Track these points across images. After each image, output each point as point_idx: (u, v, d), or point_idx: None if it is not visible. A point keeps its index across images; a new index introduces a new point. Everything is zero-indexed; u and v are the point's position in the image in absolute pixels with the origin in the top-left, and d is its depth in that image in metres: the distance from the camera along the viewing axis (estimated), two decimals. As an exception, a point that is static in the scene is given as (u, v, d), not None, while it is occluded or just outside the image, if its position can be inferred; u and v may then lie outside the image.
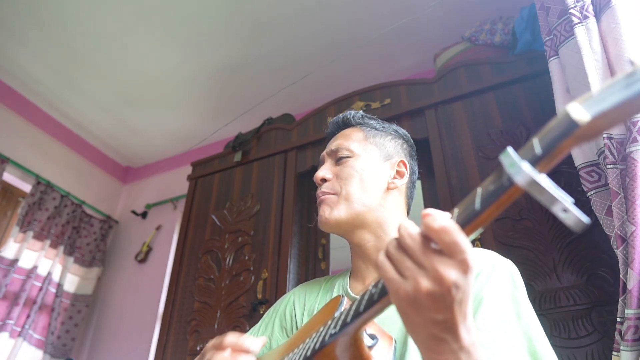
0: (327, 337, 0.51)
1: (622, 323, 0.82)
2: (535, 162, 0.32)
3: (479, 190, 0.36)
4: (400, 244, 0.39)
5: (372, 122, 0.88)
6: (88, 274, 2.53)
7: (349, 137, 0.84)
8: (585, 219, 0.30)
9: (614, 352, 0.84)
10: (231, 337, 0.56)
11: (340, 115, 0.90)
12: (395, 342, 0.57)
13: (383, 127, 0.88)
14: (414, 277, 0.36)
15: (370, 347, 0.52)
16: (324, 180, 0.81)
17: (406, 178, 0.83)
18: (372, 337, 0.54)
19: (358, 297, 0.48)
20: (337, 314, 0.52)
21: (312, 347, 0.53)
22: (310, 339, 0.56)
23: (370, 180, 0.79)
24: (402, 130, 0.91)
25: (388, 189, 0.80)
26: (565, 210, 0.31)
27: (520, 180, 0.32)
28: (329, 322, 0.53)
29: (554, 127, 0.31)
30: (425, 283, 0.36)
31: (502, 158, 0.33)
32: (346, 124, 0.89)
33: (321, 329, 0.54)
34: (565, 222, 0.31)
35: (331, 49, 2.16)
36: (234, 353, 0.54)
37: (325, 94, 2.33)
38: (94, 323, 2.54)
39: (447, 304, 0.36)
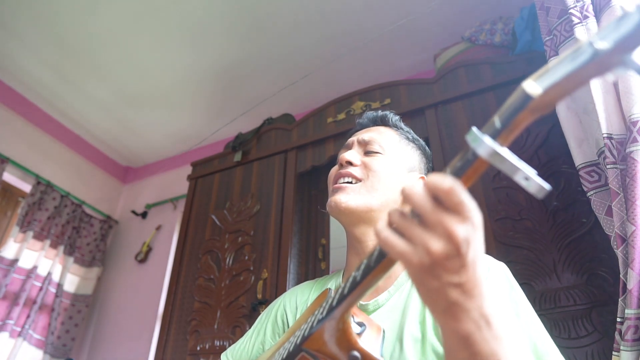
0: (315, 323, 0.52)
1: (622, 323, 0.82)
2: (495, 135, 0.34)
3: (448, 169, 0.38)
4: (406, 205, 0.39)
5: (406, 129, 0.89)
6: (88, 274, 2.53)
7: (384, 135, 0.84)
8: (546, 185, 0.32)
9: (614, 352, 0.84)
10: None
11: (380, 112, 0.90)
12: (383, 332, 0.58)
13: (414, 139, 0.88)
14: (424, 242, 0.36)
15: (358, 334, 0.53)
16: (349, 163, 0.79)
17: None
18: (360, 324, 0.55)
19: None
20: (324, 303, 0.53)
21: (302, 335, 0.54)
22: (300, 330, 0.57)
23: (393, 182, 0.78)
24: (428, 150, 0.91)
25: None
26: (527, 178, 0.33)
27: (482, 152, 0.34)
28: (317, 310, 0.54)
29: (511, 103, 0.34)
30: (436, 244, 0.36)
31: (467, 137, 0.36)
32: (383, 122, 0.89)
33: (310, 318, 0.56)
34: (528, 189, 0.33)
35: (331, 49, 2.16)
36: None
37: (325, 94, 2.33)
38: (94, 323, 2.54)
39: (461, 263, 0.36)
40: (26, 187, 2.41)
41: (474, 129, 0.36)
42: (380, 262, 0.42)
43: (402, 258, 0.38)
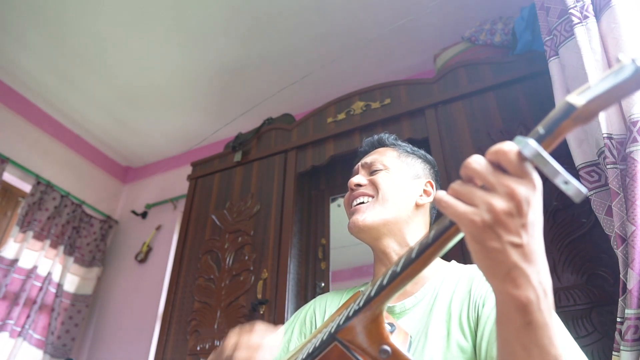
0: (351, 314, 0.53)
1: (622, 323, 0.82)
2: (539, 139, 0.37)
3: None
4: (466, 173, 0.40)
5: (404, 145, 0.96)
6: (88, 274, 2.53)
7: (384, 154, 0.91)
8: (583, 189, 0.35)
9: (614, 352, 0.84)
10: (252, 336, 0.58)
11: (375, 137, 0.98)
12: (410, 337, 0.59)
13: (413, 150, 0.95)
14: (486, 201, 0.37)
15: (389, 332, 0.54)
16: (359, 185, 0.86)
17: (432, 197, 0.88)
18: (391, 325, 0.56)
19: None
20: (360, 297, 0.55)
21: (337, 324, 0.55)
22: (333, 321, 0.58)
23: (401, 193, 0.84)
24: (430, 157, 0.97)
25: (416, 205, 0.85)
26: (566, 182, 0.35)
27: (527, 153, 0.36)
28: (352, 304, 0.55)
29: (555, 112, 0.37)
30: (498, 202, 0.37)
31: (514, 142, 0.38)
32: (381, 144, 0.96)
33: (345, 311, 0.57)
34: (567, 192, 0.35)
35: (331, 49, 2.16)
36: (254, 349, 0.56)
37: (325, 94, 2.33)
38: (94, 323, 2.54)
39: (522, 222, 0.37)
40: (26, 187, 2.41)
41: (518, 137, 0.38)
42: (440, 237, 0.43)
43: (464, 218, 0.38)
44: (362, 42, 2.10)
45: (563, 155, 1.18)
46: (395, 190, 0.83)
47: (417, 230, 0.84)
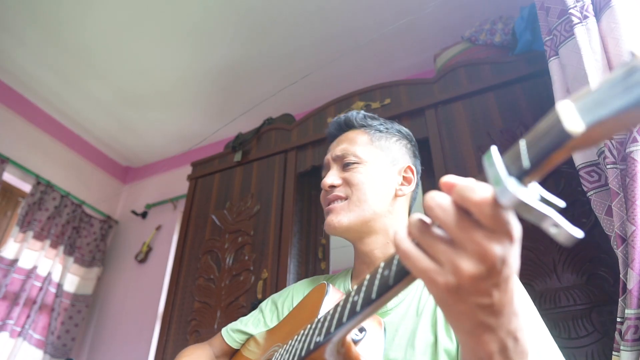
0: (312, 345, 0.50)
1: (622, 323, 0.82)
2: (522, 176, 0.29)
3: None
4: (427, 220, 0.34)
5: (375, 123, 0.87)
6: (88, 274, 2.53)
7: (354, 142, 0.83)
8: (577, 233, 0.28)
9: (614, 352, 0.84)
10: None
11: (342, 117, 0.88)
12: (384, 323, 0.58)
13: (387, 128, 0.87)
14: (452, 261, 0.31)
15: (357, 342, 0.52)
16: (333, 186, 0.80)
17: (413, 185, 0.83)
18: (361, 329, 0.54)
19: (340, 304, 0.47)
20: (320, 316, 0.52)
21: (299, 354, 0.53)
22: (297, 341, 0.56)
23: (379, 187, 0.78)
24: (405, 130, 0.90)
25: (396, 195, 0.80)
26: (556, 225, 0.28)
27: (506, 202, 0.29)
28: (313, 325, 0.53)
29: (545, 135, 0.27)
30: (466, 265, 0.31)
31: (486, 166, 0.30)
32: (349, 126, 0.87)
33: (307, 330, 0.54)
34: (557, 238, 0.28)
35: (331, 49, 2.16)
36: None
37: (325, 94, 2.33)
38: (94, 323, 2.54)
39: (493, 283, 0.32)
40: (26, 187, 2.41)
41: (494, 154, 0.30)
42: (400, 281, 0.37)
43: (424, 276, 0.33)
44: (362, 42, 2.10)
45: (563, 155, 1.18)
46: (372, 186, 0.77)
47: (398, 222, 0.79)
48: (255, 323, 0.84)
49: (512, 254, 0.32)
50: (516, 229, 0.31)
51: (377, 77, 2.25)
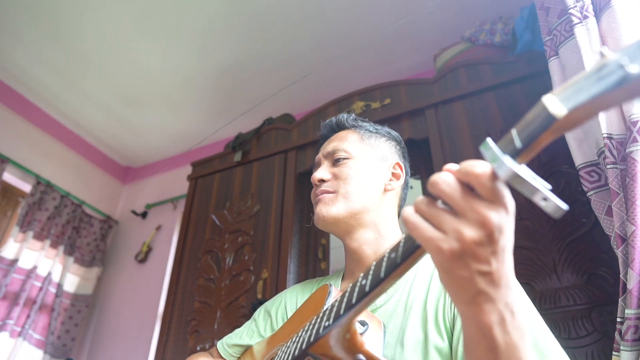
0: (321, 330, 0.52)
1: (622, 323, 0.82)
2: (515, 155, 0.33)
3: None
4: (433, 196, 0.38)
5: (365, 124, 0.90)
6: (88, 274, 2.53)
7: (345, 139, 0.85)
8: (563, 205, 0.32)
9: (614, 352, 0.84)
10: None
11: (334, 119, 0.91)
12: (384, 326, 0.59)
13: (376, 129, 0.90)
14: (456, 229, 0.35)
15: (361, 334, 0.53)
16: (322, 181, 0.81)
17: (402, 180, 0.85)
18: (363, 323, 0.55)
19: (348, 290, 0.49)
20: (327, 306, 0.53)
21: (308, 341, 0.54)
22: (305, 332, 0.57)
23: (368, 180, 0.80)
24: (394, 133, 0.92)
25: (385, 190, 0.81)
26: (545, 199, 0.32)
27: (503, 174, 0.33)
28: (321, 314, 0.54)
29: (533, 120, 0.33)
30: (468, 231, 0.35)
31: (483, 150, 0.35)
32: (340, 127, 0.90)
33: (314, 320, 0.56)
34: (546, 209, 0.33)
35: (331, 49, 2.16)
36: None
37: (325, 94, 2.33)
38: (94, 323, 2.54)
39: (492, 250, 0.36)
40: (26, 187, 2.41)
41: (490, 142, 0.34)
42: (409, 257, 0.41)
43: (431, 244, 0.37)
44: (362, 43, 2.10)
45: (563, 155, 1.18)
46: (361, 180, 0.79)
47: (387, 217, 0.80)
48: (250, 334, 0.84)
49: (507, 224, 0.36)
50: (511, 201, 0.36)
51: (377, 77, 2.25)
